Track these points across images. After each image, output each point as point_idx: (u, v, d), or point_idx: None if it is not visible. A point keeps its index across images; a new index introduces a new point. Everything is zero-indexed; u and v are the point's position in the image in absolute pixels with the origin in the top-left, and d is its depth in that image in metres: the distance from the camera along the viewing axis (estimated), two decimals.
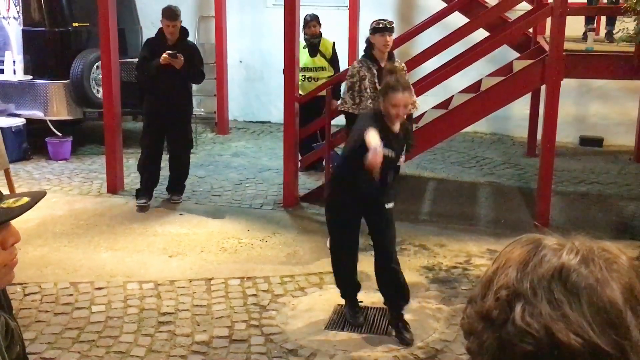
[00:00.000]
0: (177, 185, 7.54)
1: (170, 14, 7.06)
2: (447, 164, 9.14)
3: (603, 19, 8.04)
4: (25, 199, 1.51)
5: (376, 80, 5.88)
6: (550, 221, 6.85)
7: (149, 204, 7.30)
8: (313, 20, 8.47)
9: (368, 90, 5.93)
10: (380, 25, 5.89)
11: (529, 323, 0.91)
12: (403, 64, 6.25)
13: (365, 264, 6.01)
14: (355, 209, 4.83)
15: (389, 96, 4.55)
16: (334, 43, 8.65)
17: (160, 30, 7.17)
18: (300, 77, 8.06)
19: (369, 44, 6.01)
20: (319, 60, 8.51)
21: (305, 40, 8.45)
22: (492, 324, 0.95)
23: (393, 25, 5.97)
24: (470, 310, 1.00)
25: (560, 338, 0.90)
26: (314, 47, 8.49)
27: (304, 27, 8.43)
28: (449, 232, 6.76)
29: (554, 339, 0.90)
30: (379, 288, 4.96)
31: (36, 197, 1.53)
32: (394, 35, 6.10)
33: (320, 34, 8.59)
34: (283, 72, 7.40)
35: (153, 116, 7.22)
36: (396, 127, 4.68)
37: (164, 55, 6.86)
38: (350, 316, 5.06)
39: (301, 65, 8.12)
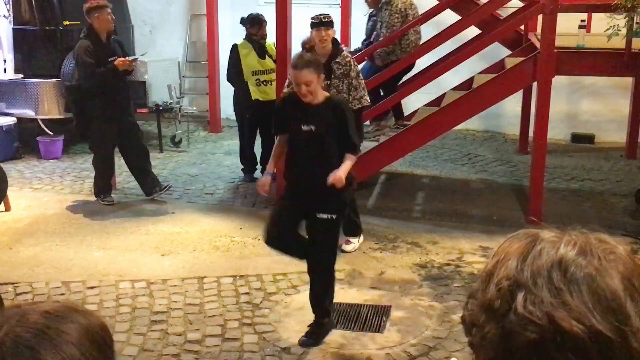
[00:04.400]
0: (150, 178, 7.46)
1: (106, 2, 6.99)
2: (440, 162, 9.15)
3: (595, 15, 8.06)
4: None
5: None
6: (542, 218, 6.86)
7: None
8: (265, 21, 7.96)
9: None
10: (316, 20, 5.98)
11: (532, 311, 0.92)
12: (349, 58, 6.09)
13: (357, 263, 6.01)
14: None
15: (292, 73, 4.63)
16: (273, 43, 8.17)
17: (90, 32, 6.97)
18: (254, 82, 7.85)
19: (311, 40, 6.04)
20: (269, 62, 7.87)
21: (253, 41, 7.94)
22: (495, 315, 0.96)
23: (330, 19, 6.01)
24: (472, 303, 1.01)
25: (563, 325, 0.90)
26: (262, 49, 7.95)
27: (255, 26, 7.93)
28: (441, 229, 6.76)
29: (556, 326, 0.91)
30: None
31: None
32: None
33: (266, 35, 8.06)
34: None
35: (109, 118, 7.07)
36: (316, 100, 4.53)
37: (122, 60, 6.85)
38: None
39: (251, 69, 7.85)
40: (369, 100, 6.17)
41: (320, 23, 5.92)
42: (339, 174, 4.45)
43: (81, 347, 1.08)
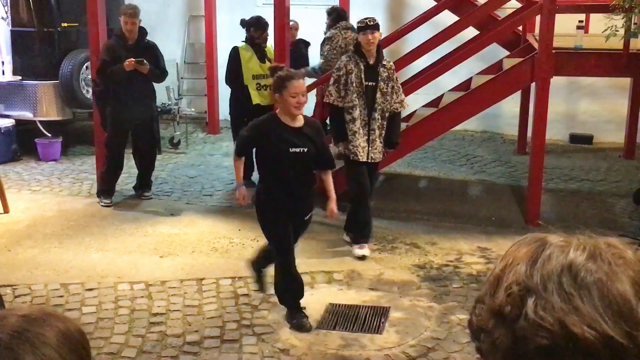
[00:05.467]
0: (146, 181, 7.69)
1: (131, 11, 7.16)
2: (438, 162, 9.15)
3: (593, 16, 8.07)
4: None
5: (363, 76, 6.05)
6: (541, 218, 6.86)
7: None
8: (268, 25, 7.78)
9: (354, 84, 6.06)
10: (362, 24, 6.08)
11: (543, 317, 0.92)
12: (391, 63, 6.33)
13: (355, 264, 6.01)
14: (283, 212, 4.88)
15: (287, 86, 4.65)
16: (272, 46, 7.99)
17: (118, 32, 7.21)
18: (254, 86, 7.76)
19: (358, 42, 6.18)
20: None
21: (254, 45, 7.80)
22: (504, 320, 0.96)
23: (376, 22, 6.07)
24: (480, 308, 1.01)
25: (575, 331, 0.90)
26: (263, 53, 7.82)
27: (258, 30, 7.79)
28: (440, 230, 6.77)
29: (568, 332, 0.90)
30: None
31: None
32: (384, 33, 6.13)
33: (267, 39, 7.93)
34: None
35: (120, 120, 7.23)
36: (298, 122, 4.78)
37: (128, 61, 6.90)
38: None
39: (252, 73, 7.76)
40: (407, 104, 6.41)
41: (367, 27, 6.01)
42: (333, 208, 4.99)
43: (59, 350, 1.10)
